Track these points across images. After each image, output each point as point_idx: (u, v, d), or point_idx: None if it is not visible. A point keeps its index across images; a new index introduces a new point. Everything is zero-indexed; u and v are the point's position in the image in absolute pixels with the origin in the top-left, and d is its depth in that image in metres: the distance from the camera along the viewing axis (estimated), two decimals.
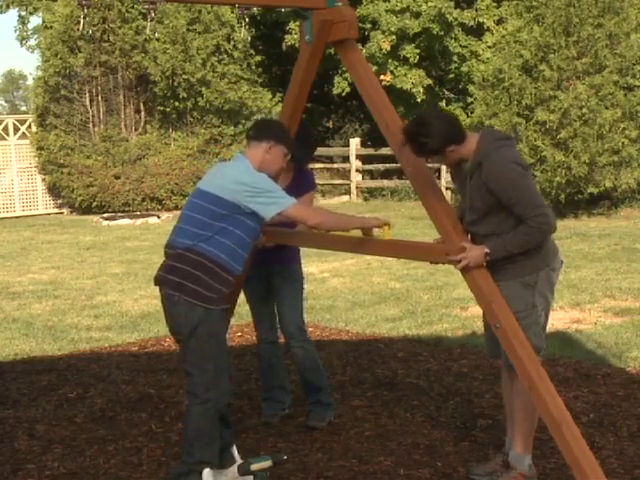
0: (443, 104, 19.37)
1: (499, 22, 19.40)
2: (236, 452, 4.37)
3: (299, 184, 5.06)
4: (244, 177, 4.12)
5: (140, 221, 16.84)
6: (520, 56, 15.29)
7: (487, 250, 4.05)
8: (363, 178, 20.92)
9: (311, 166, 19.73)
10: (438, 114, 4.22)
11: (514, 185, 4.01)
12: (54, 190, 18.98)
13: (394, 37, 19.32)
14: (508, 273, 4.12)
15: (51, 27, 18.62)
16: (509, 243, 4.06)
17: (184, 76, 17.84)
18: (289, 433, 5.11)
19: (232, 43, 18.74)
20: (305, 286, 5.33)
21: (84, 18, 4.70)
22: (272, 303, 5.27)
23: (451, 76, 20.93)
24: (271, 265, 5.15)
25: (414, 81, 19.64)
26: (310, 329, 7.52)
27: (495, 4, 19.88)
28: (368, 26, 19.58)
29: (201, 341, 4.11)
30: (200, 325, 4.09)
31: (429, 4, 19.08)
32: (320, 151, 21.54)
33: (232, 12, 18.27)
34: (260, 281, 5.20)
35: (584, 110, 14.55)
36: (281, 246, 4.98)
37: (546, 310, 4.26)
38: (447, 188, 18.57)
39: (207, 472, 4.09)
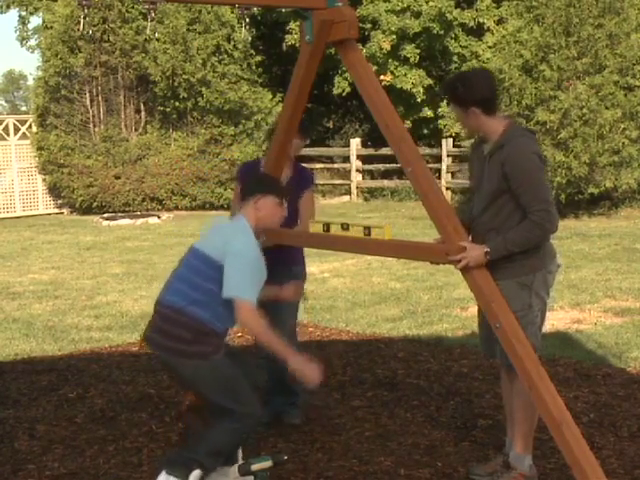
0: (444, 104, 19.37)
1: (499, 22, 19.40)
2: (239, 452, 4.36)
3: (298, 181, 5.05)
4: (237, 240, 4.04)
5: (140, 221, 16.85)
6: (520, 56, 15.29)
7: (487, 249, 4.05)
8: (363, 178, 20.93)
9: (311, 166, 19.91)
10: (485, 76, 4.32)
11: (529, 175, 4.05)
12: (54, 190, 18.99)
13: (394, 37, 19.33)
14: (506, 272, 4.12)
15: (51, 27, 18.64)
16: (510, 242, 4.06)
17: (184, 76, 17.85)
18: (289, 433, 5.11)
19: (232, 43, 18.75)
20: (305, 287, 5.31)
21: (84, 18, 4.70)
22: (270, 308, 5.24)
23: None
24: (274, 266, 5.11)
25: (414, 81, 19.65)
26: (310, 329, 7.54)
27: (495, 4, 19.88)
28: (368, 26, 19.58)
29: (211, 391, 4.04)
30: (205, 380, 4.01)
31: (430, 4, 19.09)
32: (320, 151, 21.58)
33: (232, 12, 18.28)
34: None
35: (584, 110, 14.55)
36: (283, 247, 4.95)
37: (542, 310, 4.27)
38: (447, 188, 18.60)
39: (196, 474, 4.06)
